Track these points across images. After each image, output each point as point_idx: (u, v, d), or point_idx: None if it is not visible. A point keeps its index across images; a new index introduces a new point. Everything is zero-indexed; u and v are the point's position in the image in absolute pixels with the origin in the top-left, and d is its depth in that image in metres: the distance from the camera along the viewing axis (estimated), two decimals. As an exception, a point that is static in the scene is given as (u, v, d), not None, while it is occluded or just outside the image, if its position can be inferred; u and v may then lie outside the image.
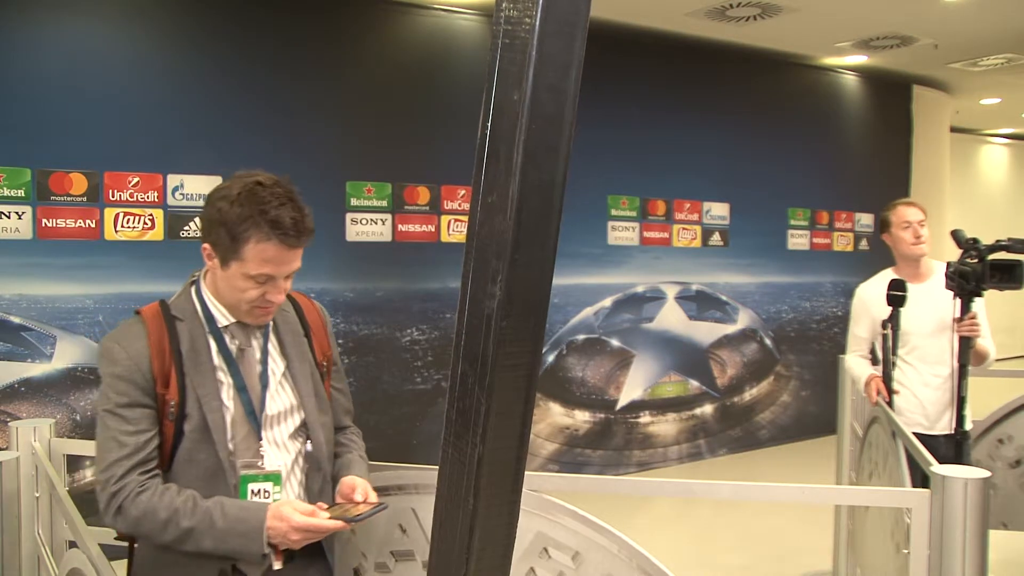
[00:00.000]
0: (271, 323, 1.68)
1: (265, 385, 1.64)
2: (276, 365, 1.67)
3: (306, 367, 1.70)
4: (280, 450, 1.65)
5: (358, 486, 1.67)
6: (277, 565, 1.57)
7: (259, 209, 1.50)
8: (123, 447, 1.50)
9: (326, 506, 1.60)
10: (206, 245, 1.57)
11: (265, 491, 1.60)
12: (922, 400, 3.18)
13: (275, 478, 1.61)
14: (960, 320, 2.82)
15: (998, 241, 2.76)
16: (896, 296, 2.99)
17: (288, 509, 1.53)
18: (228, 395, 1.59)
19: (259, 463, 1.61)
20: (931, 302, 3.11)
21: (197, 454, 1.56)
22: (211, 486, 1.56)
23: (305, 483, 1.69)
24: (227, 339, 1.62)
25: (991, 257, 2.72)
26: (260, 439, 1.61)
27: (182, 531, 1.49)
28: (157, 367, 1.53)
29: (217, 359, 1.60)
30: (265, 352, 1.66)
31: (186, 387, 1.55)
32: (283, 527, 1.51)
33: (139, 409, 1.52)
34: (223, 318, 1.62)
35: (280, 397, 1.66)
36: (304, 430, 1.69)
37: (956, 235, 2.86)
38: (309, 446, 1.69)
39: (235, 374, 1.60)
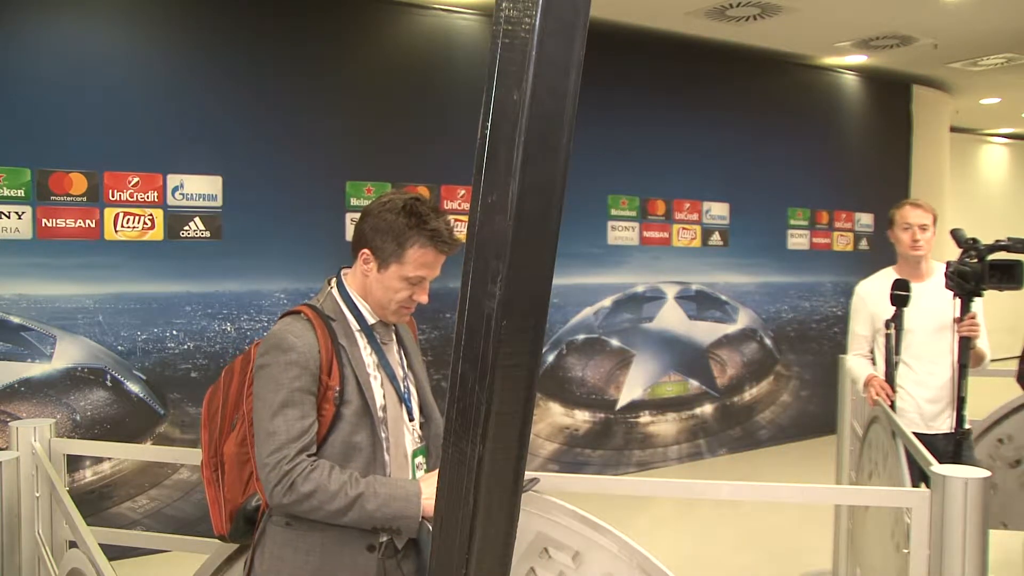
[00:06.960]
0: (395, 325, 1.88)
1: (404, 375, 1.85)
2: (403, 359, 1.89)
3: (420, 362, 1.94)
4: (412, 434, 1.83)
5: None
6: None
7: (422, 220, 1.72)
8: (294, 430, 1.64)
9: None
10: (365, 250, 1.75)
11: (420, 464, 1.82)
12: (917, 399, 3.17)
13: (425, 451, 1.85)
14: (960, 320, 2.81)
15: (997, 241, 2.75)
16: (900, 296, 2.98)
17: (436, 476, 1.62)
18: (380, 384, 1.77)
19: (417, 440, 1.83)
20: (930, 302, 3.10)
21: (354, 436, 1.70)
22: (369, 467, 1.70)
23: (426, 466, 1.86)
24: (375, 335, 1.81)
25: (990, 257, 2.72)
26: (412, 419, 1.83)
27: (350, 499, 1.63)
28: (324, 357, 1.69)
29: (368, 352, 1.77)
30: (400, 347, 1.88)
31: (346, 376, 1.70)
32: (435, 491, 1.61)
33: (308, 396, 1.67)
34: (370, 317, 1.80)
35: (411, 387, 1.88)
36: (421, 416, 1.88)
37: (956, 234, 2.85)
38: (426, 431, 1.88)
39: (386, 365, 1.80)
